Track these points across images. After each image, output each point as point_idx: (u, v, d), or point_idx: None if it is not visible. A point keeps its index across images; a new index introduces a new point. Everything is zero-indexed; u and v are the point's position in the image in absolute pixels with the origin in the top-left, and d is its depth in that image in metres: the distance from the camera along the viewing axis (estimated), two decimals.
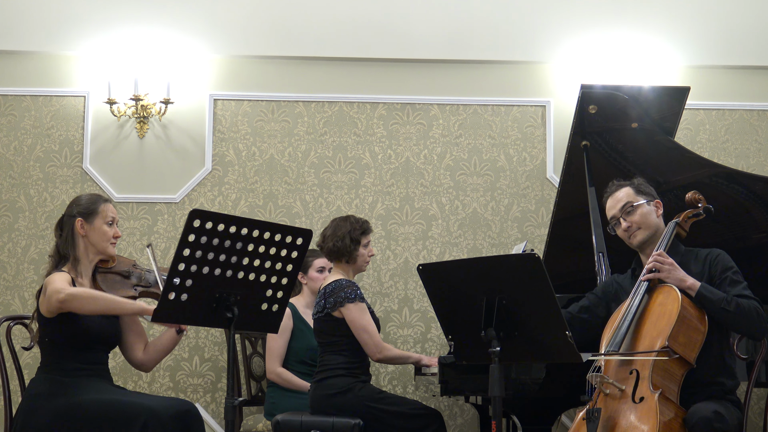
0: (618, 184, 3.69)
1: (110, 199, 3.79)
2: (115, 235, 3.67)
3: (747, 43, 5.48)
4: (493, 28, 5.44)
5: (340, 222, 4.31)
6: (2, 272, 5.19)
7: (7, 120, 5.30)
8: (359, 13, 5.42)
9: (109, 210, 3.66)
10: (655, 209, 3.62)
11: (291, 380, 4.60)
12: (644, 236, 3.59)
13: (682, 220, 3.60)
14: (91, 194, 3.76)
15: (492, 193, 5.40)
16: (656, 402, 3.13)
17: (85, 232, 3.62)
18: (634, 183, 3.67)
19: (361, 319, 4.14)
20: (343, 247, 4.23)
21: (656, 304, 3.39)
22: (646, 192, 3.64)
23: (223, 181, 5.33)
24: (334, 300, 4.15)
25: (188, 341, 5.17)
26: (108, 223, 3.64)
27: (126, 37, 5.28)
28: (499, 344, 2.97)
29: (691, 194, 3.66)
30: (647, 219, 3.59)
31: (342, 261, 4.27)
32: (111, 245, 3.66)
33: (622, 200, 3.62)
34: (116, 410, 3.35)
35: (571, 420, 5.15)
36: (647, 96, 4.46)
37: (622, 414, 3.19)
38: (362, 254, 4.29)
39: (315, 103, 5.41)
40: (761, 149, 5.49)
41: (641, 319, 3.39)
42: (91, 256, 3.65)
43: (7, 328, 3.87)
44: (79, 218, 3.62)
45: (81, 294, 3.42)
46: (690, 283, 3.40)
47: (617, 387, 3.25)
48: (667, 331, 3.26)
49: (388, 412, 4.07)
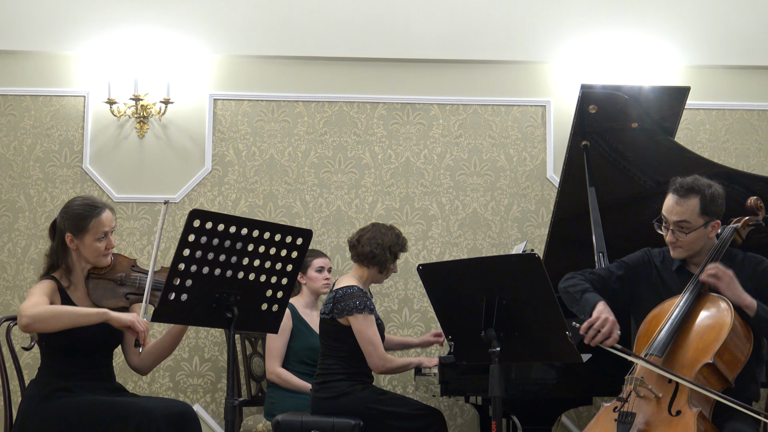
0: (691, 187, 3.40)
1: (105, 207, 3.60)
2: (108, 246, 3.56)
3: (747, 43, 5.47)
4: (493, 28, 5.44)
5: (385, 230, 4.28)
6: (2, 272, 5.18)
7: (7, 120, 5.29)
8: (359, 13, 5.41)
9: (100, 224, 3.53)
10: (710, 230, 3.41)
11: (291, 380, 4.60)
12: (684, 255, 3.44)
13: (741, 227, 3.46)
14: (84, 203, 3.58)
15: (492, 193, 5.39)
16: (695, 422, 3.01)
17: (75, 246, 3.55)
18: (707, 196, 3.38)
19: (368, 330, 4.12)
20: (381, 257, 4.23)
21: (705, 313, 3.24)
22: (710, 212, 3.38)
23: (223, 181, 5.33)
24: (342, 307, 4.14)
25: (188, 341, 5.17)
26: (99, 239, 3.53)
27: (126, 37, 5.28)
28: (499, 344, 2.97)
29: (754, 201, 3.51)
30: (695, 243, 3.40)
31: (370, 267, 4.26)
32: (104, 257, 3.57)
33: (682, 215, 3.39)
34: (110, 411, 3.34)
35: (571, 420, 5.15)
36: (647, 96, 4.45)
37: (656, 424, 3.08)
38: (391, 269, 4.32)
39: (315, 103, 5.41)
40: (761, 149, 5.49)
41: (686, 325, 3.24)
42: (83, 264, 3.59)
43: (7, 328, 3.87)
44: (68, 233, 3.54)
45: (43, 315, 3.33)
46: (748, 302, 3.24)
47: (654, 393, 3.13)
48: (714, 346, 3.13)
49: (389, 412, 4.07)
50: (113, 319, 3.38)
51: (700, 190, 3.41)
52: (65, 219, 3.56)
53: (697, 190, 3.40)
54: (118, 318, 3.38)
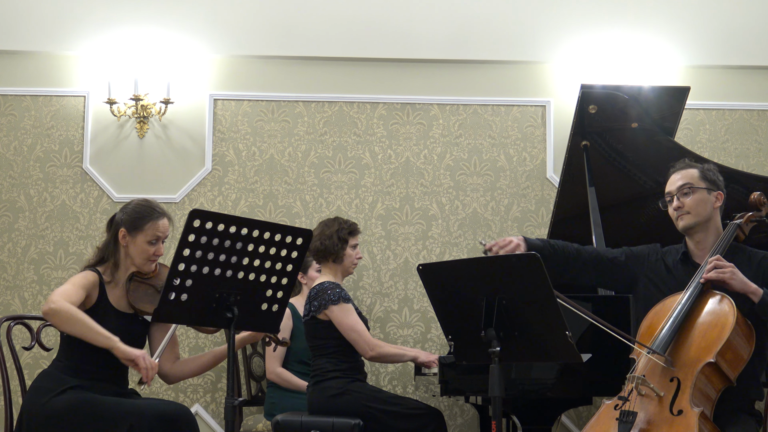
0: (688, 163, 3.58)
1: (165, 214, 3.62)
2: (157, 253, 3.58)
3: (747, 43, 5.48)
4: (493, 28, 5.44)
5: (328, 222, 4.34)
6: (2, 272, 5.19)
7: (7, 120, 5.30)
8: (359, 13, 5.42)
9: (156, 229, 3.56)
10: (714, 200, 3.48)
11: (291, 380, 4.60)
12: (690, 222, 3.47)
13: (744, 222, 3.46)
14: (146, 204, 3.62)
15: (492, 193, 5.40)
16: (697, 421, 3.00)
17: (125, 243, 3.58)
18: (703, 168, 3.55)
19: (347, 318, 4.13)
20: (331, 245, 4.24)
21: (707, 312, 3.24)
22: (710, 179, 3.51)
23: (223, 181, 5.33)
24: (318, 303, 4.15)
25: (188, 341, 5.17)
26: (151, 242, 3.56)
27: (126, 37, 5.28)
28: (499, 344, 2.97)
29: (757, 196, 3.53)
30: (700, 206, 3.46)
31: (329, 261, 4.28)
32: (150, 262, 3.59)
33: (683, 179, 3.51)
34: (103, 411, 3.32)
35: (571, 420, 5.15)
36: (647, 96, 4.46)
37: (658, 424, 3.07)
38: (349, 255, 4.29)
39: (315, 103, 5.41)
40: (761, 149, 5.49)
41: (689, 323, 3.24)
42: (128, 265, 3.60)
43: (7, 328, 3.87)
44: (123, 228, 3.57)
45: (63, 313, 3.33)
46: (754, 288, 3.26)
47: (656, 392, 3.12)
48: (717, 345, 3.12)
49: (388, 412, 4.06)
50: (119, 350, 3.33)
51: (696, 164, 3.59)
52: (124, 214, 3.60)
53: (695, 164, 3.59)
54: (124, 351, 3.33)
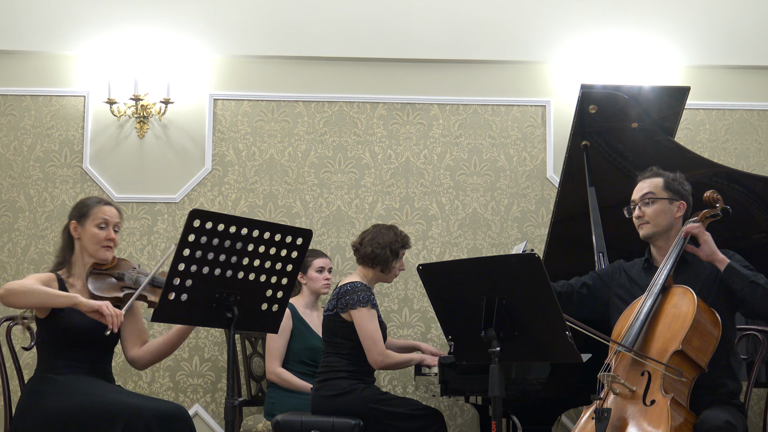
0: (655, 172, 3.65)
1: (110, 202, 3.72)
2: (108, 237, 3.61)
3: (747, 43, 5.48)
4: (493, 28, 5.44)
5: (384, 230, 4.31)
6: (2, 272, 5.18)
7: (7, 120, 5.30)
8: (359, 13, 5.42)
9: (101, 212, 3.62)
10: (675, 209, 3.57)
11: (290, 380, 4.60)
12: (649, 231, 3.57)
13: (699, 220, 3.54)
14: (93, 197, 3.74)
15: (492, 193, 5.39)
16: (668, 407, 3.09)
17: (78, 235, 3.63)
18: (669, 177, 3.62)
19: (369, 324, 4.14)
20: (382, 256, 4.24)
21: (670, 305, 3.34)
22: (674, 189, 3.59)
23: (223, 181, 5.33)
24: (345, 301, 4.15)
25: (188, 341, 5.17)
26: (99, 226, 3.61)
27: (126, 37, 5.28)
28: (499, 344, 2.97)
29: (710, 193, 3.60)
30: (660, 217, 3.56)
31: (374, 268, 4.28)
32: (104, 249, 3.61)
33: (647, 188, 3.60)
34: (99, 408, 3.32)
35: (571, 420, 5.15)
36: (647, 96, 4.46)
37: (633, 416, 3.16)
38: (395, 267, 4.32)
39: (315, 103, 5.41)
40: (761, 149, 5.49)
41: (654, 319, 3.34)
42: (86, 259, 3.64)
43: (7, 328, 3.87)
44: (72, 220, 3.64)
45: (17, 289, 3.40)
46: (721, 257, 3.41)
47: (628, 387, 3.21)
48: (681, 334, 3.22)
49: (389, 412, 4.07)
50: (82, 303, 3.37)
51: (664, 173, 3.64)
52: (72, 210, 3.68)
53: (661, 174, 3.64)
54: (87, 303, 3.37)
